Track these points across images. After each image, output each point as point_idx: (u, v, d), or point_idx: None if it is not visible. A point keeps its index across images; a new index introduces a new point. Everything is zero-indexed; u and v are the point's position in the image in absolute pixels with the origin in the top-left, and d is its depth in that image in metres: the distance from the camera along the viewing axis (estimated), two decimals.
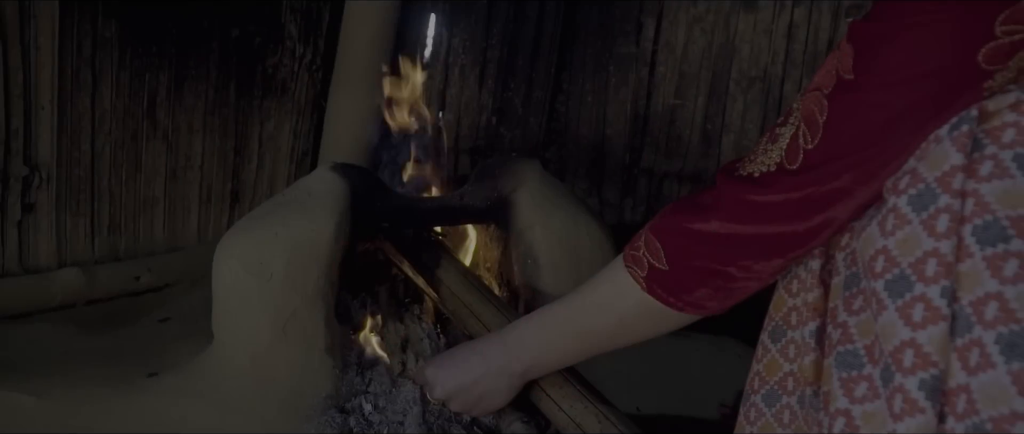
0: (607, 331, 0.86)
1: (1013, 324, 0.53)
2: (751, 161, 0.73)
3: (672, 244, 0.77)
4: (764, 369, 0.80)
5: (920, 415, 0.56)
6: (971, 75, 0.59)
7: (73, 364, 1.18)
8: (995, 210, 0.56)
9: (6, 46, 1.28)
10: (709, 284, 0.76)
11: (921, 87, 0.61)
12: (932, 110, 0.61)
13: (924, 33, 0.60)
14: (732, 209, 0.73)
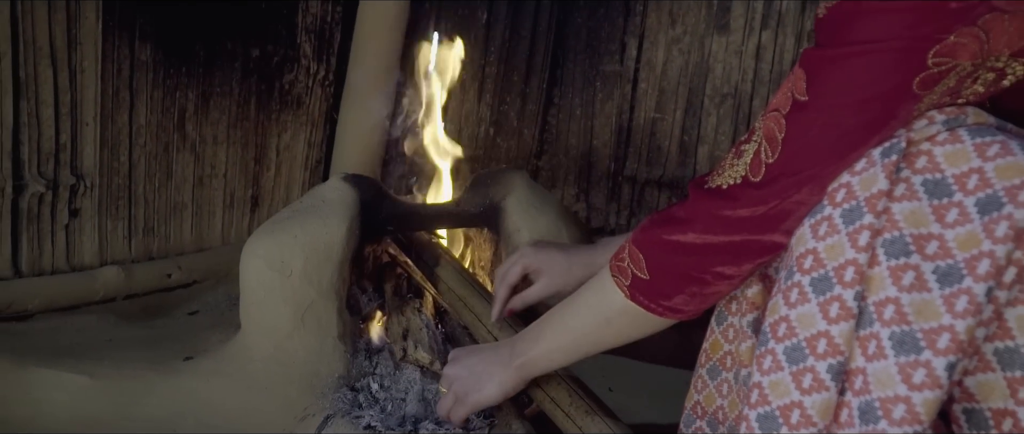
0: (595, 332, 0.94)
1: (904, 325, 0.65)
2: (719, 174, 0.80)
3: (653, 256, 0.84)
4: (709, 347, 0.93)
5: (825, 392, 0.69)
6: (906, 99, 0.67)
7: (117, 350, 1.34)
8: (902, 227, 0.66)
9: (56, 70, 1.45)
10: (685, 291, 0.83)
11: (866, 109, 0.69)
12: (873, 129, 0.69)
13: (869, 61, 0.67)
14: (706, 222, 0.79)
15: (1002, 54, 0.64)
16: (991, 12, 0.61)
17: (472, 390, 1.03)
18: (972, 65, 0.64)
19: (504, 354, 1.02)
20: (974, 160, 0.64)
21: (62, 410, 1.19)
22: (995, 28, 0.62)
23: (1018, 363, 0.63)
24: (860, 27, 0.67)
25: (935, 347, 0.62)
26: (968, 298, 0.61)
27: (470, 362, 1.06)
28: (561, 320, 0.97)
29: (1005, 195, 0.61)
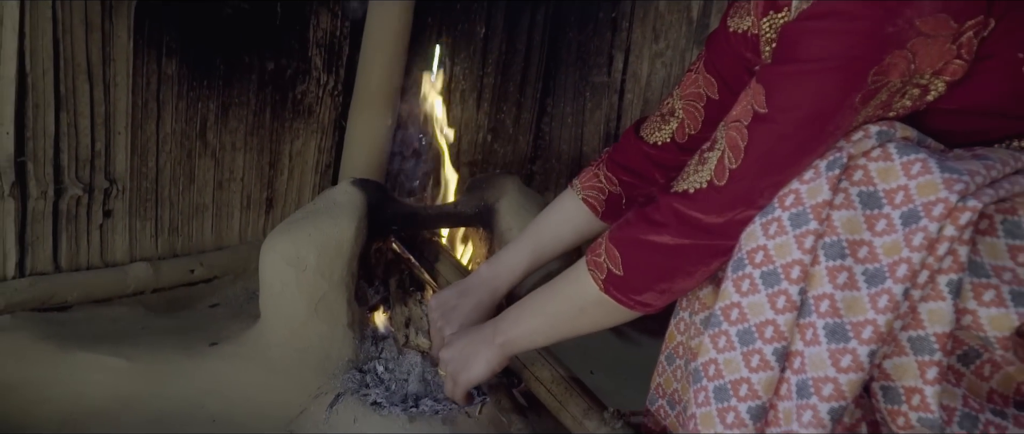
0: (569, 317, 1.01)
1: (837, 317, 0.76)
2: (684, 179, 0.88)
3: (628, 254, 0.91)
4: (668, 336, 1.06)
5: (770, 371, 0.80)
6: (848, 112, 0.77)
7: (149, 337, 1.48)
8: (840, 233, 0.77)
9: (92, 84, 1.59)
10: (656, 288, 0.91)
11: (816, 121, 0.77)
12: (822, 138, 0.78)
13: (819, 79, 0.76)
14: (679, 227, 0.87)
15: (926, 72, 0.76)
16: (917, 37, 0.73)
17: (462, 370, 1.12)
18: (901, 82, 0.76)
19: (488, 333, 1.10)
20: (901, 178, 0.75)
21: (102, 389, 1.34)
22: (920, 50, 0.74)
23: (927, 349, 0.74)
24: (807, 47, 0.77)
25: (860, 337, 0.74)
26: (888, 297, 0.73)
27: (460, 345, 1.14)
28: (540, 305, 1.05)
29: (922, 210, 0.72)
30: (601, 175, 1.22)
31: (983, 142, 0.84)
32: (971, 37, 0.74)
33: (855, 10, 0.73)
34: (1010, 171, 0.77)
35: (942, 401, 0.75)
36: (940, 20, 0.72)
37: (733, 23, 1.11)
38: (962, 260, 0.72)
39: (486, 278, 1.24)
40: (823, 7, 0.76)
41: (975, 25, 0.74)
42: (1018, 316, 0.71)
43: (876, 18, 0.73)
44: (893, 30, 0.72)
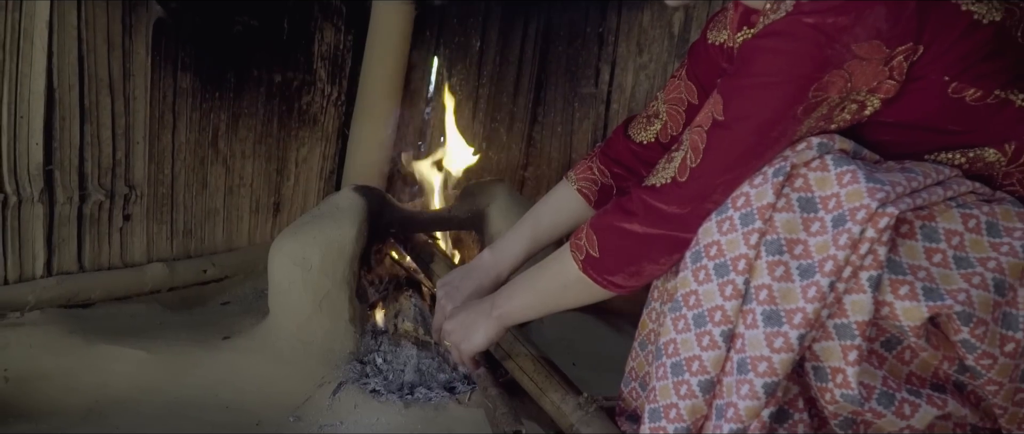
0: (555, 293, 1.12)
1: (773, 305, 0.87)
2: (654, 175, 0.99)
3: (604, 238, 1.01)
4: (640, 324, 1.17)
5: (718, 350, 0.91)
6: (792, 122, 0.87)
7: (167, 331, 1.60)
8: (780, 233, 0.88)
9: (113, 98, 1.71)
10: (625, 270, 1.02)
11: (764, 129, 0.88)
12: (769, 144, 0.89)
13: (767, 92, 0.87)
14: (646, 216, 0.97)
15: (862, 90, 0.87)
16: (853, 59, 0.84)
17: (465, 340, 1.23)
18: (840, 98, 0.87)
19: (486, 307, 1.20)
20: (834, 186, 0.86)
21: (125, 379, 1.46)
22: (856, 71, 0.85)
23: (849, 335, 0.85)
24: (758, 63, 0.89)
25: (792, 322, 0.85)
26: (817, 288, 0.84)
27: (462, 317, 1.24)
28: (531, 282, 1.16)
29: (848, 215, 0.84)
30: (594, 168, 1.34)
31: (915, 153, 0.95)
32: (902, 61, 0.85)
33: (799, 34, 0.85)
34: (930, 183, 0.89)
35: (863, 380, 0.86)
36: (874, 45, 0.84)
37: (712, 36, 1.23)
38: (881, 259, 0.83)
39: (488, 262, 1.36)
40: (773, 29, 0.88)
41: (905, 50, 0.85)
42: (928, 309, 0.83)
43: (817, 42, 0.84)
44: (831, 53, 0.83)
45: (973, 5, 0.86)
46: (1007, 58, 0.87)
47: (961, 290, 0.83)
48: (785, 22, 0.86)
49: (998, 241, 0.86)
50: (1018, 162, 0.92)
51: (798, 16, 0.84)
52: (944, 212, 0.87)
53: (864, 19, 0.82)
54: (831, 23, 0.83)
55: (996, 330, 0.85)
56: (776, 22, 0.87)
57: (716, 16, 1.24)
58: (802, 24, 0.84)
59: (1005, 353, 0.85)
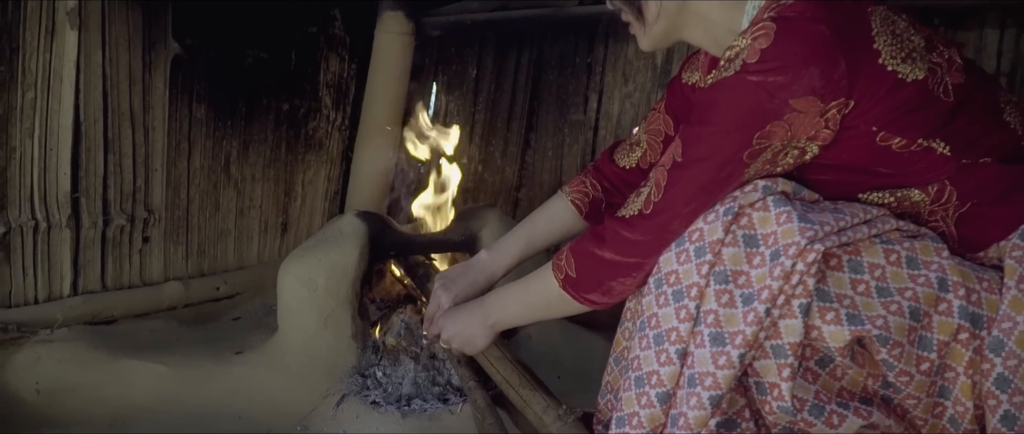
0: (540, 307, 1.23)
1: (718, 328, 0.98)
2: (624, 207, 1.09)
3: (581, 261, 1.12)
4: (615, 341, 1.29)
5: (673, 366, 1.02)
6: (739, 165, 0.97)
7: (183, 346, 1.73)
8: (727, 265, 0.99)
9: (134, 129, 1.85)
10: (598, 290, 1.12)
11: (715, 170, 0.98)
12: (719, 184, 0.99)
13: (718, 138, 0.98)
14: (614, 243, 1.08)
15: (801, 138, 0.98)
16: (792, 112, 0.95)
17: (468, 345, 1.35)
18: (782, 144, 0.98)
19: (479, 316, 1.31)
20: (773, 225, 0.98)
21: (146, 391, 1.58)
22: (795, 122, 0.96)
23: (783, 354, 0.96)
24: (711, 113, 1.00)
25: (734, 343, 0.97)
26: (755, 314, 0.95)
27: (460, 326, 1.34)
28: (519, 295, 1.27)
29: (783, 250, 0.95)
30: (587, 182, 1.47)
31: (850, 192, 1.07)
32: (835, 113, 0.97)
33: (745, 89, 0.97)
34: (858, 221, 1.01)
35: (796, 394, 0.98)
36: (810, 100, 0.95)
37: (686, 75, 1.36)
38: (810, 288, 0.95)
39: (485, 261, 1.47)
40: (724, 84, 1.00)
41: (838, 104, 0.97)
42: (850, 332, 0.95)
43: (760, 97, 0.96)
44: (772, 106, 0.95)
45: (899, 66, 0.97)
46: (929, 112, 0.99)
47: (880, 316, 0.95)
48: (734, 79, 0.98)
49: (916, 273, 0.98)
50: (940, 202, 1.04)
51: (744, 74, 0.97)
52: (869, 247, 0.99)
53: (800, 78, 0.94)
54: (772, 81, 0.95)
55: (912, 351, 0.97)
56: (726, 78, 0.99)
57: (691, 58, 1.37)
58: (747, 81, 0.96)
59: (921, 371, 0.98)
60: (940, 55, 1.00)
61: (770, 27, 0.95)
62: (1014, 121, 1.05)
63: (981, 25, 1.80)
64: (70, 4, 1.68)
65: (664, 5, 1.09)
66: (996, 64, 1.79)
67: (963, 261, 1.03)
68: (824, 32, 0.93)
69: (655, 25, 1.12)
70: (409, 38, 2.31)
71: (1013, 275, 0.99)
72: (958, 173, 1.01)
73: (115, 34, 1.77)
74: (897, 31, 0.98)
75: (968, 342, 0.98)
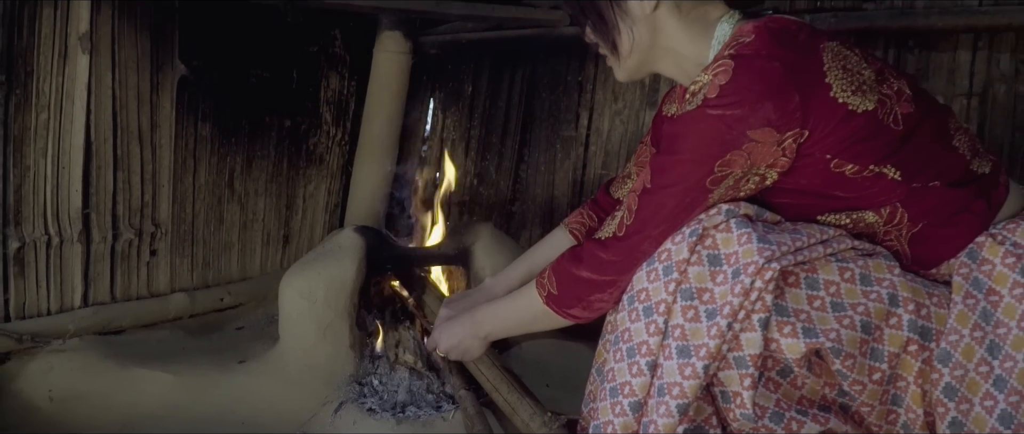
0: (527, 321, 1.33)
1: (685, 341, 1.05)
2: (602, 230, 1.19)
3: (561, 279, 1.22)
4: (596, 354, 1.36)
5: (643, 377, 1.09)
6: (703, 192, 1.06)
7: (189, 356, 1.81)
8: (692, 282, 1.07)
9: (142, 146, 1.93)
10: (578, 305, 1.21)
11: (682, 196, 1.07)
12: (685, 209, 1.09)
13: (683, 167, 1.06)
14: (591, 262, 1.17)
15: (760, 166, 1.07)
16: (750, 142, 1.03)
17: (465, 354, 1.46)
18: (742, 171, 1.06)
19: (472, 327, 1.41)
20: (735, 246, 1.05)
21: (153, 399, 1.66)
22: (753, 151, 1.04)
23: (744, 365, 1.04)
24: (676, 143, 1.08)
25: (698, 355, 1.04)
26: (718, 328, 1.03)
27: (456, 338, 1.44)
28: (509, 309, 1.36)
29: (743, 269, 1.03)
30: (585, 214, 1.58)
31: (809, 214, 1.14)
32: (791, 142, 1.05)
33: (706, 122, 1.05)
34: (814, 241, 1.08)
35: (758, 402, 1.05)
36: (766, 131, 1.03)
37: (666, 108, 1.44)
38: (768, 304, 1.03)
39: (489, 288, 1.57)
40: (687, 117, 1.07)
41: (793, 134, 1.04)
42: (806, 345, 1.02)
43: (719, 129, 1.04)
44: (731, 137, 1.03)
45: (849, 98, 1.05)
46: (880, 140, 1.06)
47: (833, 329, 1.03)
48: (696, 112, 1.06)
49: (869, 289, 1.06)
50: (893, 223, 1.11)
51: (705, 108, 1.04)
52: (825, 265, 1.07)
53: (756, 111, 1.02)
54: (730, 114, 1.03)
55: (864, 362, 1.04)
56: (690, 112, 1.07)
57: (671, 91, 1.45)
58: (708, 115, 1.04)
59: (873, 380, 1.05)
60: (890, 87, 1.08)
61: (729, 64, 1.03)
62: (962, 147, 1.13)
63: (954, 47, 1.88)
64: (82, 29, 1.76)
65: (636, 41, 1.17)
66: (969, 84, 1.88)
67: (916, 278, 1.11)
68: (778, 68, 1.01)
69: (629, 58, 1.19)
70: (407, 57, 2.38)
71: (960, 291, 1.07)
72: (909, 196, 1.08)
73: (124, 57, 1.85)
74: (848, 66, 1.06)
75: (917, 353, 1.06)
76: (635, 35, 1.16)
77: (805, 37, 1.07)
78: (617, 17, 1.16)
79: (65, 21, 1.74)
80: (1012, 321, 1.04)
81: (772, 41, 1.05)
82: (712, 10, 1.15)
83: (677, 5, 1.14)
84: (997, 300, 1.05)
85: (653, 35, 1.17)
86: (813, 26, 1.12)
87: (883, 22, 1.90)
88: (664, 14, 1.15)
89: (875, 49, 1.95)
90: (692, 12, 1.15)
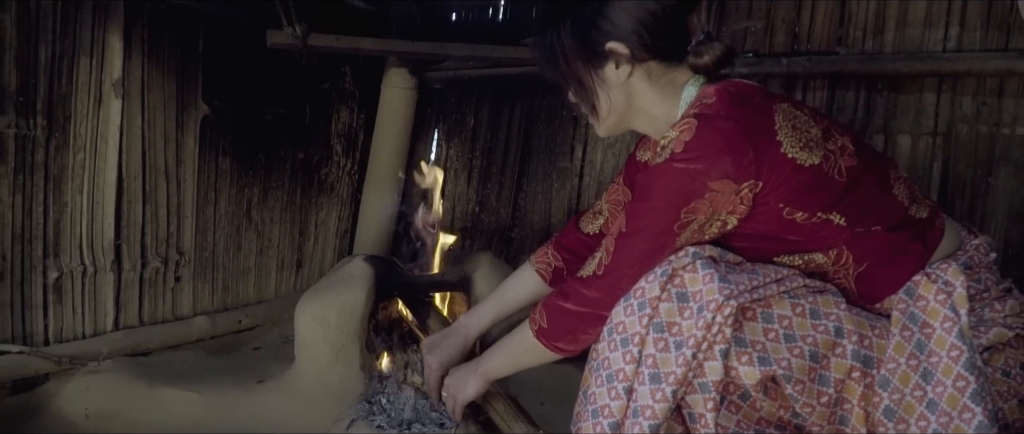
0: (519, 355, 1.42)
1: (656, 369, 1.18)
2: (583, 269, 1.28)
3: (550, 314, 1.32)
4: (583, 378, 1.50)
5: (621, 400, 1.22)
6: (671, 235, 1.17)
7: (212, 375, 1.96)
8: (662, 317, 1.20)
9: (168, 181, 2.10)
10: (565, 338, 1.31)
11: (653, 240, 1.18)
12: (656, 251, 1.23)
13: (653, 213, 1.17)
14: (576, 299, 1.27)
15: (722, 212, 1.21)
16: (711, 192, 1.17)
17: (459, 392, 1.54)
18: (706, 217, 1.20)
19: (473, 367, 1.52)
20: (700, 285, 1.18)
21: (180, 417, 1.81)
22: (714, 199, 1.18)
23: (707, 389, 1.17)
24: (649, 192, 1.22)
25: (668, 381, 1.17)
26: (684, 358, 1.16)
27: (457, 375, 1.55)
28: (504, 348, 1.46)
29: (706, 305, 1.16)
30: (549, 253, 1.69)
31: (766, 255, 1.29)
32: (747, 192, 1.19)
33: (672, 175, 1.19)
34: (769, 280, 1.23)
35: (720, 422, 1.20)
36: (725, 183, 1.17)
37: (639, 154, 1.58)
38: (728, 336, 1.17)
39: (462, 325, 1.70)
40: (656, 169, 1.22)
41: (749, 185, 1.19)
42: (760, 372, 1.16)
43: (683, 181, 1.18)
44: (693, 188, 1.17)
45: (797, 153, 1.19)
46: (825, 191, 1.20)
47: (785, 359, 1.17)
48: (664, 165, 1.20)
49: (817, 322, 1.20)
50: (840, 263, 1.25)
51: (672, 162, 1.19)
52: (779, 301, 1.21)
53: (716, 165, 1.16)
54: (693, 168, 1.17)
55: (813, 387, 1.18)
56: (659, 164, 1.21)
57: (644, 138, 1.60)
58: (674, 168, 1.19)
59: (821, 403, 1.19)
60: (835, 143, 1.22)
61: (692, 123, 1.17)
62: (901, 195, 1.27)
63: (920, 90, 2.03)
64: (115, 75, 1.93)
65: (614, 104, 1.32)
66: (934, 124, 2.02)
67: (861, 312, 1.25)
68: (734, 128, 1.16)
69: (607, 119, 1.34)
70: (412, 92, 2.56)
71: (898, 324, 1.21)
72: (853, 240, 1.23)
73: (152, 100, 2.02)
74: (797, 124, 1.20)
75: (860, 379, 1.20)
76: (612, 99, 1.31)
77: (760, 99, 1.22)
78: (595, 84, 1.31)
79: (100, 69, 1.91)
80: (942, 351, 1.17)
81: (730, 103, 1.19)
82: (679, 75, 1.30)
83: (648, 72, 1.29)
84: (930, 332, 1.19)
85: (628, 98, 1.31)
86: (767, 89, 1.27)
87: (854, 67, 2.04)
88: (637, 80, 1.29)
89: (848, 91, 2.10)
90: (662, 78, 1.30)
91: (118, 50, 1.92)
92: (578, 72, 1.31)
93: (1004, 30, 1.92)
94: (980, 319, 1.25)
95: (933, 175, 2.01)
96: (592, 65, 1.29)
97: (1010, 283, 1.32)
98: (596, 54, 1.28)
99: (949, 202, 2.00)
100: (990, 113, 1.95)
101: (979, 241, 1.32)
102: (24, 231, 1.80)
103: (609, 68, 1.29)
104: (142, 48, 1.98)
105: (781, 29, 2.18)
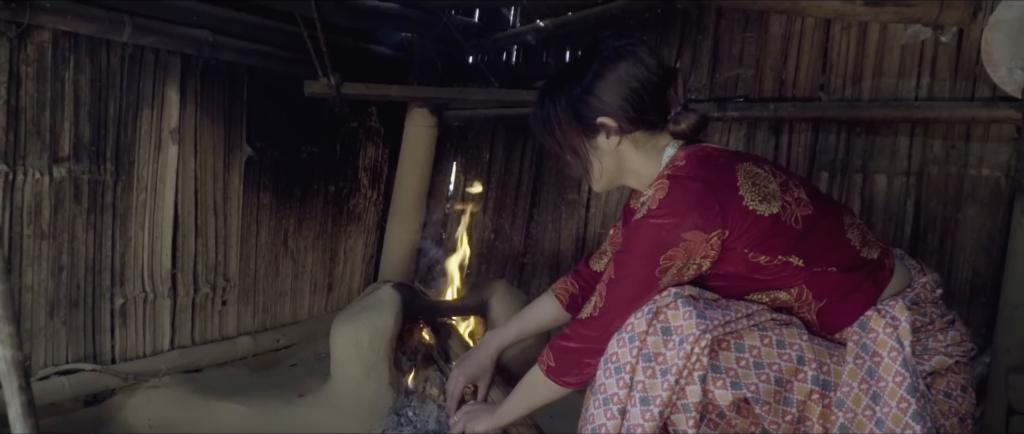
0: (531, 393, 1.55)
1: (645, 393, 1.37)
2: (582, 311, 1.45)
3: (555, 352, 1.46)
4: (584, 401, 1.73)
5: (615, 421, 1.41)
6: (654, 280, 1.35)
7: (256, 390, 2.19)
8: (650, 348, 1.39)
9: (216, 216, 2.34)
10: (571, 373, 1.45)
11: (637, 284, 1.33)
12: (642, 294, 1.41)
13: (637, 261, 1.32)
14: (576, 337, 1.42)
15: (697, 257, 1.40)
16: (684, 241, 1.37)
17: (470, 421, 1.69)
18: (683, 262, 1.40)
19: (492, 408, 1.67)
20: (682, 320, 1.38)
21: (231, 428, 2.03)
22: (689, 247, 1.37)
23: (689, 410, 1.36)
24: (631, 244, 1.42)
25: (655, 404, 1.36)
26: (668, 383, 1.36)
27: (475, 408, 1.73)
28: (517, 390, 1.61)
29: (686, 338, 1.35)
30: (568, 282, 1.91)
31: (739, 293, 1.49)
32: (716, 240, 1.39)
33: (649, 228, 1.39)
34: (741, 316, 1.43)
35: None
36: (695, 233, 1.38)
37: (632, 202, 1.79)
38: (705, 364, 1.37)
39: (487, 340, 1.91)
40: (636, 224, 1.42)
41: (717, 233, 1.38)
42: (733, 395, 1.37)
43: (659, 233, 1.38)
44: (669, 238, 1.37)
45: (757, 205, 1.39)
46: (783, 237, 1.40)
47: (754, 383, 1.38)
48: (642, 221, 1.41)
49: (782, 351, 1.41)
50: (802, 300, 1.46)
51: (649, 218, 1.40)
52: (749, 333, 1.42)
53: (686, 219, 1.37)
54: (667, 222, 1.38)
55: (778, 407, 1.39)
56: (639, 220, 1.42)
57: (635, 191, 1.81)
58: (650, 223, 1.39)
59: (785, 421, 1.40)
60: (791, 195, 1.42)
61: (665, 183, 1.38)
62: (854, 239, 1.47)
63: (895, 133, 2.22)
64: (172, 124, 2.18)
65: (605, 168, 1.53)
66: (907, 165, 2.21)
67: (822, 341, 1.45)
68: (701, 187, 1.36)
69: (600, 179, 1.56)
70: (433, 129, 2.77)
71: (851, 353, 1.42)
72: (811, 279, 1.43)
73: (204, 144, 2.26)
74: (757, 181, 1.41)
75: (819, 400, 1.41)
76: (604, 164, 1.53)
77: (723, 161, 1.43)
78: (589, 152, 1.52)
79: (159, 119, 2.15)
80: (889, 376, 1.38)
81: (698, 165, 1.41)
82: (661, 140, 1.51)
83: (635, 140, 1.50)
84: (879, 360, 1.40)
85: (619, 162, 1.53)
86: (732, 151, 1.48)
87: (835, 112, 2.25)
88: (626, 147, 1.51)
89: (830, 133, 2.30)
90: (646, 143, 1.51)
91: (175, 101, 2.17)
92: (573, 142, 1.52)
93: (971, 80, 2.09)
94: (925, 348, 1.45)
95: (907, 211, 2.21)
96: (585, 136, 1.50)
97: (954, 316, 1.52)
98: (589, 127, 1.48)
99: (921, 236, 2.20)
100: (958, 155, 2.13)
101: (927, 279, 1.52)
102: (95, 263, 2.05)
103: (601, 138, 1.50)
104: (195, 99, 2.22)
105: (769, 76, 2.39)
